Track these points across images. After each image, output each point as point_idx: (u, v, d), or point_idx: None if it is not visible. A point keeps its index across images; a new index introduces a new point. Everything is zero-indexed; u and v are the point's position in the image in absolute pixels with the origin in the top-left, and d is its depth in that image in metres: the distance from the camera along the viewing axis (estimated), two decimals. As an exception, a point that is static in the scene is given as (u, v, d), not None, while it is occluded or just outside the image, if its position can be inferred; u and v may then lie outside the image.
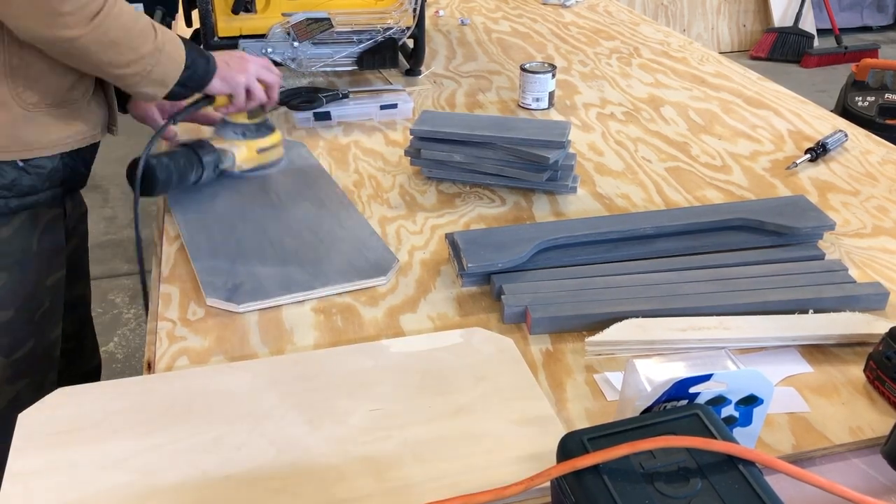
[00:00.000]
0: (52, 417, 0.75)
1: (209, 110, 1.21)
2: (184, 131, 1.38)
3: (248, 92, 1.16)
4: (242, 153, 1.22)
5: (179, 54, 1.04)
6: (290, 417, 0.76)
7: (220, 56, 1.13)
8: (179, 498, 0.67)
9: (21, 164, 1.02)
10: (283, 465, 0.70)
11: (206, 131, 1.29)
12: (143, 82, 1.02)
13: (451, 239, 1.03)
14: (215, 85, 1.12)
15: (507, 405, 0.77)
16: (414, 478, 0.69)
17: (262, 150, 1.24)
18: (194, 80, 1.09)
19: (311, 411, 0.76)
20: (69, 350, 1.28)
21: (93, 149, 1.14)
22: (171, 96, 1.07)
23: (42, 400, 0.77)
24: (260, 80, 1.18)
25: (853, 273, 0.99)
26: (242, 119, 1.22)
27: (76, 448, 0.72)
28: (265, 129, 1.24)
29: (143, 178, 1.08)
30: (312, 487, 0.68)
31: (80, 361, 1.36)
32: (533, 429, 0.74)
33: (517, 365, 0.83)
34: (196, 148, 1.16)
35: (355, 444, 0.73)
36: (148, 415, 0.76)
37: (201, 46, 1.24)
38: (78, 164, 1.11)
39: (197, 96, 1.16)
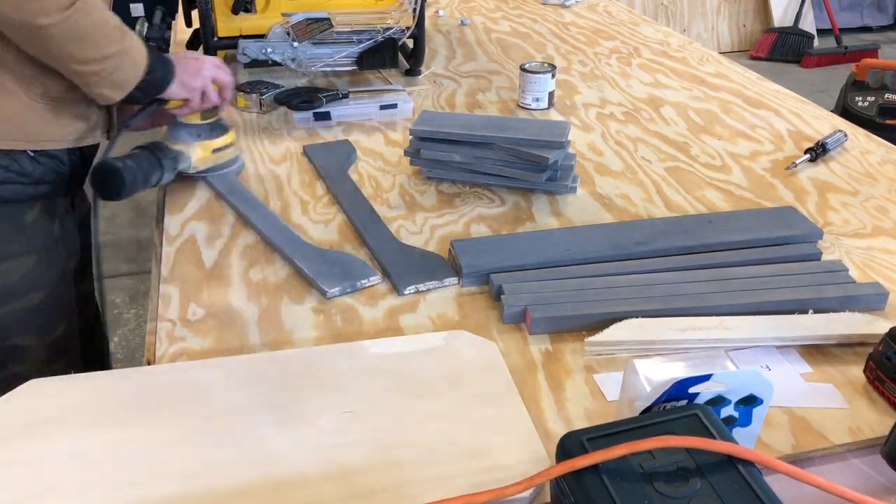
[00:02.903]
0: (20, 409, 0.75)
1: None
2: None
3: (204, 94, 1.17)
4: (198, 154, 1.21)
5: (142, 59, 1.05)
6: (258, 417, 0.75)
7: (176, 59, 1.13)
8: (137, 495, 0.67)
9: (32, 154, 1.05)
10: (245, 466, 0.70)
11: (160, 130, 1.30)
12: (102, 83, 1.02)
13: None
14: (173, 90, 1.12)
15: (482, 411, 0.76)
16: (379, 484, 0.68)
17: (216, 150, 1.23)
18: (153, 85, 1.09)
19: (280, 411, 0.76)
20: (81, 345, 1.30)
21: (93, 149, 1.16)
22: (127, 99, 1.07)
23: (13, 391, 0.78)
24: (214, 81, 1.17)
25: (853, 273, 0.99)
26: (196, 120, 1.21)
27: (41, 441, 0.72)
28: (219, 129, 1.24)
29: (111, 182, 1.07)
30: (272, 490, 0.67)
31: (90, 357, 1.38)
32: (507, 437, 0.73)
33: (497, 370, 0.82)
34: (155, 150, 1.15)
35: (322, 447, 0.71)
36: (116, 410, 0.76)
37: (201, 46, 1.25)
38: (78, 162, 1.13)
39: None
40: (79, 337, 1.26)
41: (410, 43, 1.72)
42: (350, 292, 0.98)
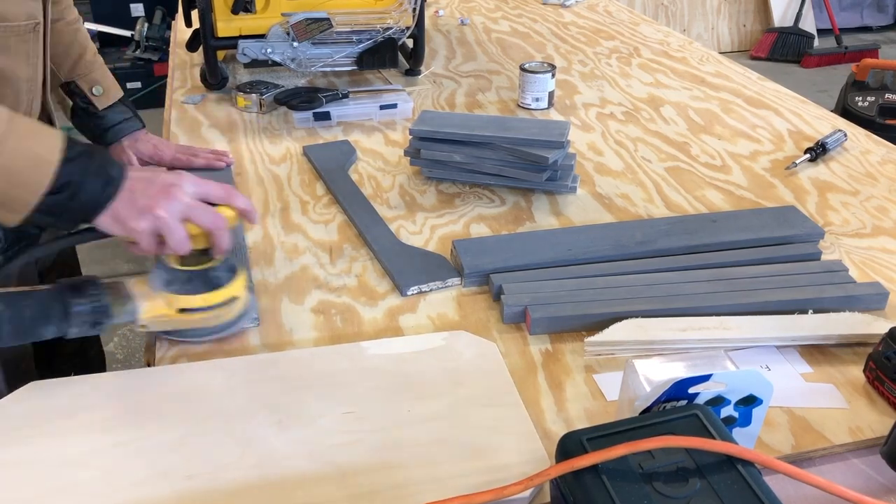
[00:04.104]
0: (20, 411, 0.75)
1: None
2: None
3: (159, 238, 0.80)
4: (154, 308, 0.82)
5: (42, 164, 0.73)
6: (259, 418, 0.75)
7: (136, 179, 0.79)
8: (137, 495, 0.67)
9: None
10: (246, 467, 0.70)
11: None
12: None
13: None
14: (103, 221, 0.78)
15: (482, 412, 0.76)
16: (379, 484, 0.68)
17: (186, 311, 0.83)
18: (70, 210, 0.76)
19: (281, 412, 0.76)
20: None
21: None
22: (38, 224, 0.80)
23: (13, 393, 0.77)
24: (190, 219, 0.80)
25: (853, 273, 0.99)
26: (174, 263, 0.84)
27: (40, 442, 0.72)
28: (202, 283, 0.84)
29: None
30: (273, 490, 0.67)
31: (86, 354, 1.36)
32: (507, 437, 0.73)
33: (497, 371, 0.82)
34: (69, 292, 0.78)
35: (323, 448, 0.71)
36: (116, 411, 0.76)
37: (204, 52, 1.13)
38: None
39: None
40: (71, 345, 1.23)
41: (410, 43, 1.72)
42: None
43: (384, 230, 1.10)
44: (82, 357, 1.36)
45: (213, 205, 0.83)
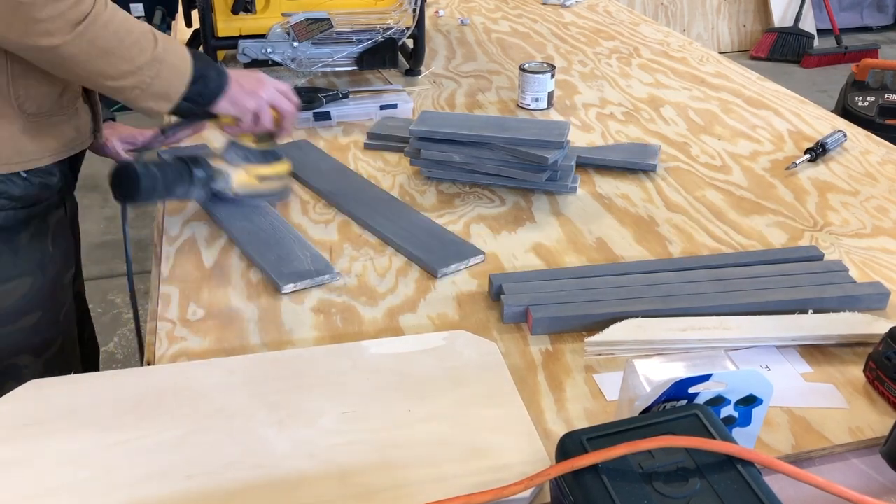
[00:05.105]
0: (19, 410, 0.75)
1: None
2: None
3: (257, 117, 1.08)
4: (240, 177, 1.12)
5: (184, 66, 0.98)
6: (259, 417, 0.75)
7: (234, 74, 1.06)
8: (137, 495, 0.67)
9: (25, 175, 1.02)
10: (246, 466, 0.70)
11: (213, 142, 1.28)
12: (144, 96, 0.96)
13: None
14: (222, 105, 1.04)
15: (482, 411, 0.76)
16: (379, 484, 0.68)
17: (263, 178, 1.14)
18: (204, 95, 1.01)
19: (281, 411, 0.76)
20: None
21: (81, 155, 1.14)
22: (177, 112, 1.01)
23: (12, 392, 0.78)
24: (274, 107, 1.09)
25: (853, 273, 0.99)
26: (249, 142, 1.12)
27: (40, 441, 0.72)
28: (271, 156, 1.15)
29: (126, 184, 1.02)
30: (273, 490, 0.67)
31: (83, 353, 1.37)
32: (507, 437, 0.73)
33: (498, 370, 0.81)
34: (190, 162, 1.08)
35: (323, 447, 0.71)
36: (116, 410, 0.76)
37: (204, 52, 1.22)
38: (67, 169, 1.11)
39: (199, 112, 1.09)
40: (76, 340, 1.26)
41: (410, 43, 1.72)
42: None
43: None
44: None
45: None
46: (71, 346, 1.19)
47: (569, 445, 0.60)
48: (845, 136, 1.39)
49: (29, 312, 1.09)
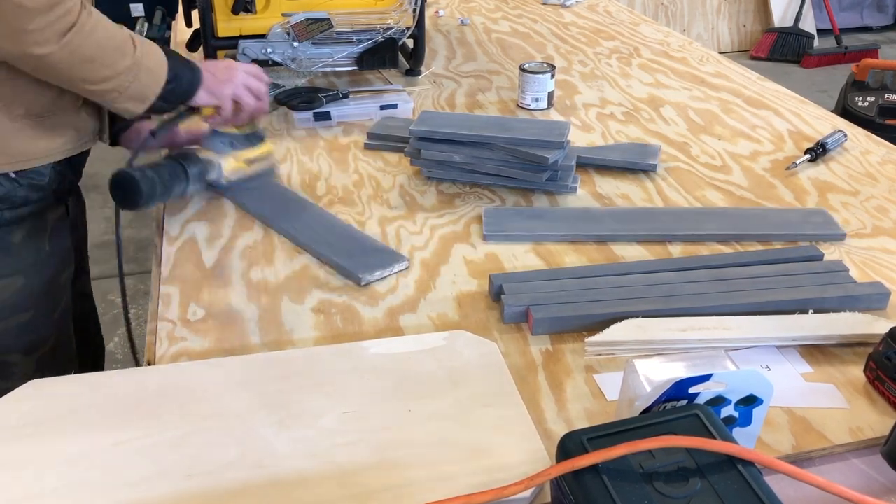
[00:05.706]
0: (20, 410, 0.75)
1: (193, 124, 1.18)
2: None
3: (236, 102, 1.13)
4: (230, 164, 1.17)
5: (160, 68, 1.02)
6: (259, 417, 0.75)
7: (205, 66, 1.10)
8: (137, 495, 0.67)
9: (13, 175, 1.02)
10: (246, 466, 0.69)
11: None
12: (121, 98, 1.00)
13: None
14: (201, 97, 1.09)
15: (483, 412, 0.76)
16: (379, 484, 0.68)
17: (251, 161, 1.20)
18: (177, 93, 1.06)
19: (281, 412, 0.76)
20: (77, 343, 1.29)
21: (83, 156, 1.14)
22: (153, 110, 1.05)
23: (13, 392, 0.78)
24: (248, 88, 1.14)
25: (853, 273, 0.99)
26: (230, 129, 1.18)
27: (40, 441, 0.72)
28: (255, 138, 1.21)
29: (127, 192, 1.04)
30: (273, 490, 0.67)
31: (87, 353, 1.37)
32: (507, 437, 0.73)
33: (498, 370, 0.81)
34: (181, 159, 1.11)
35: (323, 448, 0.71)
36: (116, 410, 0.76)
37: (201, 47, 1.23)
38: (67, 171, 1.11)
39: (181, 108, 1.12)
40: (74, 336, 1.26)
41: (410, 43, 1.72)
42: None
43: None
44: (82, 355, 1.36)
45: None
46: (66, 345, 1.19)
47: (569, 445, 0.60)
48: (845, 136, 1.39)
49: (21, 311, 1.09)
